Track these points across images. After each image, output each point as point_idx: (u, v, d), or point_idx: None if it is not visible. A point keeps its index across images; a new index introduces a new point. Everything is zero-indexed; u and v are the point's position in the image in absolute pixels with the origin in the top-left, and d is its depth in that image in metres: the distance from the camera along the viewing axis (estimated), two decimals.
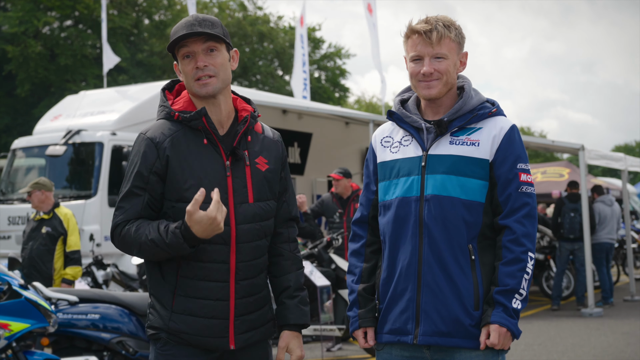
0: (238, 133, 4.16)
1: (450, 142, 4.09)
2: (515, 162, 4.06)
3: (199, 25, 4.04)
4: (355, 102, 64.50)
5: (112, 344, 8.80)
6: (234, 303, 4.10)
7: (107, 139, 16.44)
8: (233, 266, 4.08)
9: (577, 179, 18.69)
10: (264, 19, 50.38)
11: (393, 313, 4.14)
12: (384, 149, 4.27)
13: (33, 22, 38.76)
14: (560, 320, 15.99)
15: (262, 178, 4.20)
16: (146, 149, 4.06)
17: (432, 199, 4.03)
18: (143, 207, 4.06)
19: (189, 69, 4.08)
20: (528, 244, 4.00)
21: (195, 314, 4.05)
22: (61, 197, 16.15)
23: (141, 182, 4.05)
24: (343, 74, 55.14)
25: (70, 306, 8.89)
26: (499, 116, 4.18)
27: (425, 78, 4.11)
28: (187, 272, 4.05)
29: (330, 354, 12.40)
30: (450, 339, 3.99)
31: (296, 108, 19.69)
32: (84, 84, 39.08)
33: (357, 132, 21.28)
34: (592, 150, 17.77)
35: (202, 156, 4.08)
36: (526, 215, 4.02)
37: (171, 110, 4.14)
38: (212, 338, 4.08)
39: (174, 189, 4.05)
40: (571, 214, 17.57)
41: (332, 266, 12.13)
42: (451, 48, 4.12)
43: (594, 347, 12.72)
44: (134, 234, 3.99)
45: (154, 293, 4.15)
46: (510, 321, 3.96)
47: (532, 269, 4.02)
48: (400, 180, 4.14)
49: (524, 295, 3.99)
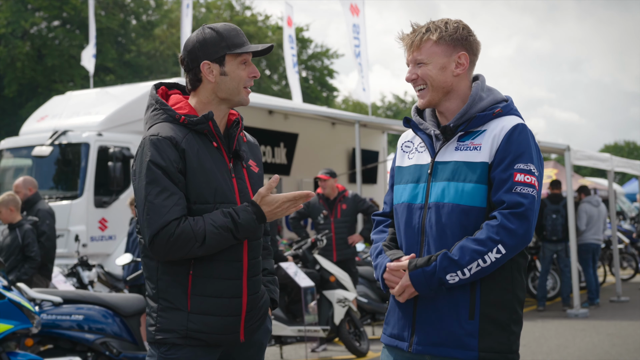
0: (234, 136, 4.30)
1: (455, 148, 4.00)
2: (513, 162, 3.87)
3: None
4: (343, 102, 64.51)
5: (96, 344, 8.82)
6: (247, 299, 4.24)
7: (94, 139, 16.41)
8: (245, 263, 4.23)
9: (564, 180, 18.73)
10: (251, 19, 50.37)
11: (394, 317, 4.12)
12: (404, 154, 4.24)
13: (20, 23, 38.72)
14: (545, 321, 16.00)
15: (256, 179, 4.40)
16: (167, 149, 4.07)
17: (433, 206, 3.97)
18: (185, 205, 4.08)
19: (245, 74, 4.25)
20: (505, 238, 3.80)
21: (212, 312, 4.14)
22: (47, 198, 16.14)
23: (172, 179, 4.06)
24: (330, 74, 55.17)
25: (55, 307, 8.89)
26: (506, 116, 4.03)
27: (414, 86, 4.10)
28: (201, 271, 4.13)
29: (315, 354, 12.41)
30: (444, 349, 3.91)
31: (282, 108, 19.69)
32: (72, 85, 39.04)
33: (343, 133, 21.30)
34: (578, 150, 17.79)
35: (212, 158, 4.18)
36: (515, 213, 3.82)
37: (175, 113, 4.18)
38: (226, 335, 4.20)
39: (192, 190, 4.11)
40: (553, 216, 17.58)
41: (317, 267, 12.14)
42: (433, 52, 4.01)
43: (578, 348, 12.74)
44: (195, 227, 4.02)
45: (163, 296, 4.16)
46: (423, 286, 3.88)
47: (491, 264, 3.83)
48: (408, 186, 4.11)
49: (466, 277, 3.84)
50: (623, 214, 32.96)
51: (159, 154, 4.05)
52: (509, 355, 3.93)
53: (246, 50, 4.22)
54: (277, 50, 52.05)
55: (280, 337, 11.49)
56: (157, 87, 4.39)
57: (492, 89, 4.14)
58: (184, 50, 4.27)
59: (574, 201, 17.27)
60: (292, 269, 11.43)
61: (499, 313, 3.92)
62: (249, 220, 4.09)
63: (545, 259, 17.91)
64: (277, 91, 49.94)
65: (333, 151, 21.31)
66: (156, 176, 4.03)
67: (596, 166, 19.36)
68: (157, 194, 4.02)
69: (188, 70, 4.26)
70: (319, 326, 11.60)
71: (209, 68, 4.19)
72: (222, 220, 4.04)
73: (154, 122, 4.21)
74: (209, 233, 4.01)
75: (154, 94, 4.30)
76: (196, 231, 4.00)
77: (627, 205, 35.92)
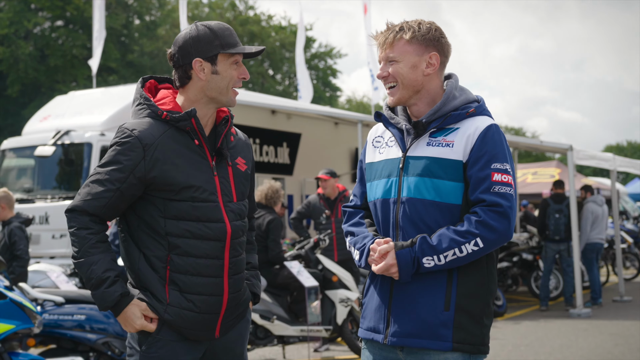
0: (221, 134, 4.29)
1: (427, 144, 4.04)
2: (489, 162, 3.94)
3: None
4: (347, 102, 64.54)
5: (98, 344, 8.82)
6: (227, 298, 4.24)
7: (96, 139, 16.44)
8: (227, 262, 4.22)
9: (567, 179, 18.72)
10: (254, 18, 50.39)
11: (370, 310, 4.16)
12: (374, 149, 4.28)
13: (23, 23, 38.74)
14: (548, 321, 15.98)
15: (242, 178, 4.37)
16: (132, 148, 4.09)
17: (407, 201, 4.01)
18: (107, 205, 4.11)
19: (236, 74, 4.25)
20: (484, 233, 3.87)
21: (191, 309, 4.15)
22: (50, 198, 16.14)
23: (117, 177, 4.08)
24: (334, 73, 55.18)
25: (57, 307, 8.90)
26: (479, 116, 4.09)
27: (385, 84, 4.16)
28: (179, 267, 4.13)
29: (317, 354, 12.41)
30: (419, 340, 3.95)
31: (285, 108, 19.69)
32: (74, 85, 39.07)
33: (346, 132, 21.28)
34: (581, 150, 17.77)
35: (190, 157, 4.17)
36: (496, 211, 3.88)
37: (158, 109, 4.18)
38: (202, 331, 4.21)
39: (167, 189, 4.11)
40: (556, 215, 17.59)
41: (319, 267, 12.13)
42: (405, 50, 4.07)
43: (581, 348, 12.73)
44: (86, 245, 4.08)
45: (144, 285, 4.18)
46: (407, 266, 3.92)
47: (467, 255, 3.89)
48: (381, 181, 4.15)
49: (441, 264, 3.90)
50: (626, 214, 32.92)
51: (120, 149, 4.11)
52: (481, 347, 4.00)
53: (240, 51, 4.22)
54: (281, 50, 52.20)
55: (283, 337, 11.49)
56: (146, 81, 4.42)
57: (464, 89, 4.21)
58: (174, 46, 4.26)
59: (577, 200, 17.26)
60: (295, 269, 11.43)
61: (474, 306, 3.97)
62: (106, 296, 4.08)
63: (548, 258, 17.90)
64: (280, 91, 49.98)
65: (336, 151, 21.29)
66: (105, 164, 4.13)
67: (599, 166, 19.34)
68: (95, 180, 4.12)
69: (177, 67, 4.25)
70: (321, 326, 11.59)
71: (201, 66, 4.18)
72: (100, 270, 4.06)
73: (136, 117, 4.24)
74: (81, 263, 4.07)
75: (139, 88, 4.33)
76: (83, 249, 4.08)
77: (630, 205, 35.83)
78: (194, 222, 4.12)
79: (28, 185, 17.30)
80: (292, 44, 51.92)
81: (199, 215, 4.13)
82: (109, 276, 4.06)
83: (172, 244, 4.11)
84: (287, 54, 52.44)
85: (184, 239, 4.11)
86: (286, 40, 52.01)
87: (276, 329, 11.26)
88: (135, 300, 4.12)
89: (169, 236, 4.11)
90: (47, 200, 16.50)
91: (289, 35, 52.31)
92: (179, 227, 4.10)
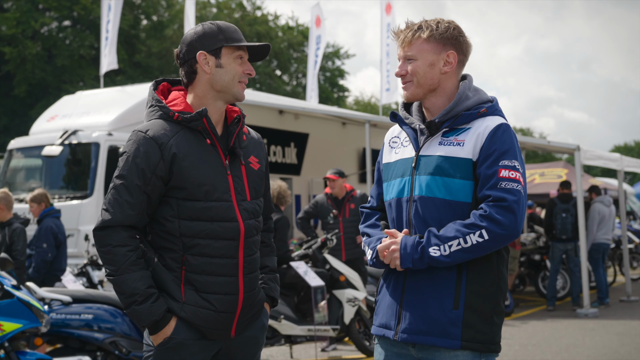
0: (233, 133, 4.31)
1: (439, 143, 4.09)
2: (498, 159, 3.96)
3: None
4: (355, 103, 64.51)
5: (106, 344, 8.82)
6: (243, 297, 4.27)
7: (104, 139, 16.44)
8: (241, 261, 4.25)
9: (574, 180, 18.70)
10: (262, 19, 50.39)
11: (382, 307, 4.21)
12: (391, 149, 4.33)
13: (31, 23, 38.77)
14: (555, 321, 15.98)
15: (255, 177, 4.39)
16: (149, 149, 4.11)
17: (418, 200, 4.05)
18: (141, 211, 4.11)
19: (240, 69, 4.27)
20: (489, 226, 3.87)
21: (207, 307, 4.18)
22: (57, 198, 16.16)
23: (142, 181, 4.09)
24: (342, 74, 55.14)
25: (64, 306, 8.91)
26: (491, 116, 4.12)
27: (402, 81, 4.20)
28: (194, 267, 4.16)
29: (325, 354, 12.41)
30: (428, 338, 3.98)
31: (293, 108, 19.69)
32: (82, 85, 39.10)
33: (353, 133, 21.29)
34: (588, 150, 17.74)
35: (205, 156, 4.20)
36: (501, 206, 3.89)
37: (169, 110, 4.21)
38: (219, 330, 4.24)
39: (182, 188, 4.13)
40: (562, 215, 17.60)
41: (327, 266, 12.13)
42: (423, 49, 4.12)
43: (588, 348, 12.72)
44: (127, 263, 4.08)
45: (159, 285, 4.19)
46: (409, 250, 3.97)
47: (472, 246, 3.90)
48: (396, 181, 4.20)
49: (446, 254, 3.91)
50: (633, 214, 32.89)
51: (136, 152, 4.11)
52: (491, 345, 4.01)
53: (243, 44, 4.25)
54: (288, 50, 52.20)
55: (290, 337, 11.49)
56: (159, 84, 4.43)
57: (478, 90, 4.24)
58: (181, 44, 4.30)
59: (584, 201, 17.24)
60: (302, 269, 11.43)
61: (483, 304, 3.99)
62: (154, 311, 4.09)
63: (555, 258, 17.90)
64: (288, 91, 49.98)
65: (343, 151, 21.29)
66: (126, 170, 4.11)
67: (606, 166, 19.31)
68: (121, 185, 4.11)
69: (183, 63, 4.28)
70: (328, 325, 11.60)
71: (205, 59, 4.21)
72: (144, 286, 4.08)
73: (149, 119, 4.26)
74: (124, 279, 4.07)
75: (151, 91, 4.35)
76: (121, 267, 4.07)
77: (638, 205, 35.74)
78: (207, 222, 4.14)
79: (35, 186, 17.30)
80: (299, 44, 51.95)
81: (213, 215, 4.15)
82: (153, 292, 4.10)
83: (186, 245, 4.14)
84: (295, 54, 52.45)
85: (199, 239, 4.13)
86: (294, 41, 52.03)
87: (283, 328, 11.27)
88: (161, 336, 4.17)
89: (184, 237, 4.13)
90: (55, 200, 16.50)
91: (297, 35, 52.33)
92: (193, 227, 4.12)
